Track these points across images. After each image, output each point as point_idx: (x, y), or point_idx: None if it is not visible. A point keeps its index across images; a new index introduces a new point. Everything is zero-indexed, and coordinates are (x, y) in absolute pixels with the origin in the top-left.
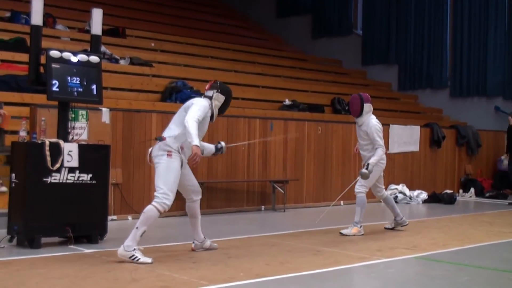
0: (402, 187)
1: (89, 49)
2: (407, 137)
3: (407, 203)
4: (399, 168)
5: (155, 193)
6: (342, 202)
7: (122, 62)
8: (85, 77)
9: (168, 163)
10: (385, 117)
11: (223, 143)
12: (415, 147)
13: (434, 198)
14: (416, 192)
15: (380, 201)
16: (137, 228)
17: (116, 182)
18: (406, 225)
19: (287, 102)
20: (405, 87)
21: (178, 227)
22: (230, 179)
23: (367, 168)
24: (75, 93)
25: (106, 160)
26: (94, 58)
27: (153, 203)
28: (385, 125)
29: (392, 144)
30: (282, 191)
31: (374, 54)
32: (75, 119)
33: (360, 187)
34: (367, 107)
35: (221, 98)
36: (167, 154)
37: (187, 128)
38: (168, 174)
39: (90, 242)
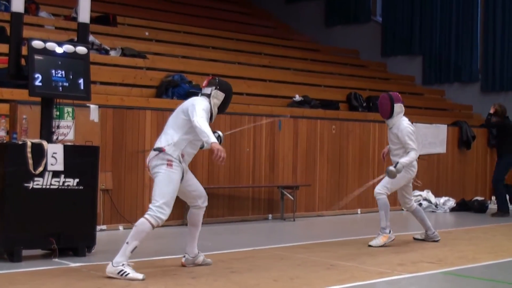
0: (427, 194)
1: (75, 39)
2: (433, 137)
3: (432, 211)
4: (423, 172)
5: (150, 205)
6: (359, 210)
7: (112, 53)
8: (71, 70)
9: (168, 174)
10: (408, 114)
11: (219, 132)
12: (441, 149)
13: (463, 206)
14: (442, 199)
15: (403, 209)
16: (127, 243)
17: (105, 188)
18: (438, 240)
19: (297, 98)
20: (430, 81)
21: (174, 239)
22: (233, 185)
23: (395, 167)
24: (60, 88)
25: (94, 163)
26: (81, 49)
27: (146, 215)
28: None
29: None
30: (292, 198)
31: (396, 43)
32: (60, 117)
33: (381, 189)
34: (398, 107)
35: (221, 95)
36: (167, 164)
37: (198, 128)
38: (166, 186)
39: (77, 255)
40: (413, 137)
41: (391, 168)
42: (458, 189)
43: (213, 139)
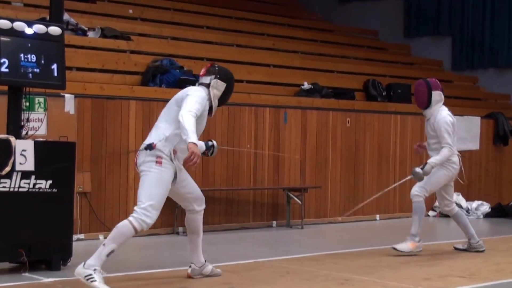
0: (457, 197)
1: (48, 18)
2: (464, 132)
3: None
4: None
5: (135, 207)
6: (378, 217)
7: (91, 34)
8: (43, 54)
9: (157, 173)
10: None
11: (214, 142)
12: (474, 145)
13: (499, 211)
14: (475, 204)
15: (429, 214)
16: (104, 245)
17: (83, 191)
18: (482, 251)
19: (306, 85)
20: (461, 66)
21: (163, 250)
22: (232, 187)
23: (423, 168)
24: (30, 74)
25: (70, 162)
26: (54, 30)
27: (130, 218)
28: None
29: None
30: (300, 202)
31: (421, 22)
32: (30, 108)
33: (419, 190)
34: (437, 95)
35: (221, 85)
36: (157, 162)
37: (181, 123)
38: (154, 186)
39: (50, 269)
40: (451, 129)
41: (418, 169)
42: (493, 192)
43: (192, 138)
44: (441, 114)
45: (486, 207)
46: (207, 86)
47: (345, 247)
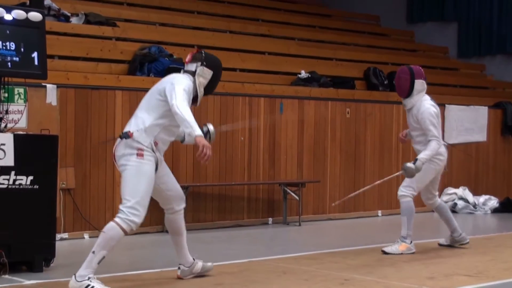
0: (463, 191)
1: (28, 3)
2: (470, 122)
3: (470, 212)
4: (458, 165)
5: (120, 207)
6: (379, 212)
7: (74, 20)
8: (22, 42)
9: (139, 166)
10: (440, 94)
11: (210, 126)
12: (481, 136)
13: (507, 206)
14: (482, 198)
15: (433, 210)
16: (93, 252)
17: (66, 187)
18: (466, 243)
19: (303, 74)
20: (467, 53)
21: (152, 248)
22: (225, 182)
23: (414, 163)
24: (9, 63)
25: (52, 156)
26: (35, 15)
27: (117, 219)
28: (440, 105)
29: (449, 131)
30: (297, 198)
31: (425, 7)
32: (10, 99)
33: (406, 189)
34: (419, 84)
35: (208, 73)
36: (137, 154)
37: (179, 116)
38: (138, 181)
39: (32, 270)
40: (436, 121)
41: (410, 165)
42: (502, 185)
43: (198, 131)
44: (424, 105)
45: (494, 202)
46: (193, 73)
47: (345, 245)
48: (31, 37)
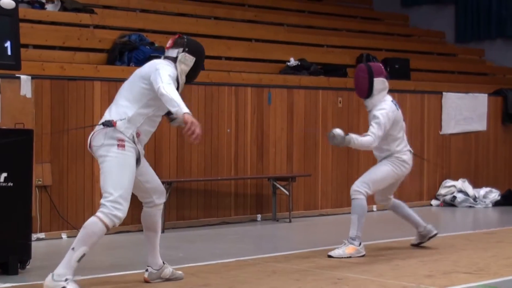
0: (462, 184)
1: None
2: (469, 111)
3: (470, 206)
4: (457, 156)
5: (102, 201)
6: (374, 207)
7: (49, 7)
8: None
9: (121, 157)
10: (437, 81)
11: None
12: (480, 125)
13: (509, 199)
14: (483, 191)
15: (431, 204)
16: (73, 249)
17: (43, 184)
18: (435, 235)
19: (293, 62)
20: (465, 37)
21: (135, 248)
22: (210, 177)
23: (346, 135)
24: None
25: (27, 152)
26: (7, 2)
27: (99, 214)
28: (437, 93)
29: (447, 120)
30: (287, 193)
31: None
32: None
33: (361, 186)
34: (379, 83)
35: (190, 60)
36: (118, 145)
37: (166, 96)
38: (120, 173)
39: (7, 273)
40: (385, 121)
41: (339, 132)
42: (503, 177)
43: (185, 109)
44: (382, 105)
45: (495, 195)
46: (174, 60)
47: (338, 242)
48: (4, 26)
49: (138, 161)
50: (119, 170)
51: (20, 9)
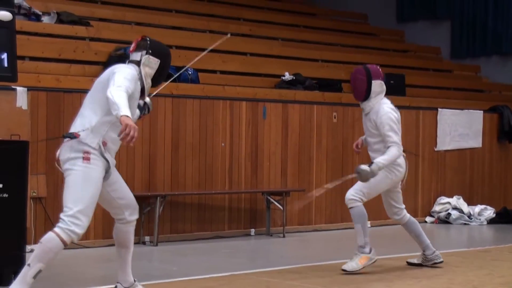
0: (457, 201)
1: None
2: (465, 127)
3: (465, 223)
4: (452, 172)
5: (61, 215)
6: (369, 224)
7: (45, 19)
8: None
9: (84, 171)
10: (432, 97)
11: (147, 99)
12: (476, 142)
13: (504, 217)
14: (478, 208)
15: (426, 221)
16: (29, 265)
17: (38, 196)
18: (440, 262)
19: (288, 76)
20: (461, 53)
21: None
22: (204, 190)
23: (370, 166)
24: None
25: (23, 163)
26: (4, 14)
27: (56, 229)
28: (432, 109)
29: (442, 137)
30: (281, 208)
31: (416, 5)
32: None
33: (355, 194)
34: (377, 85)
35: (154, 62)
36: (83, 158)
37: (110, 99)
38: (82, 188)
39: (0, 284)
40: (396, 126)
41: (365, 167)
42: (498, 195)
43: (124, 111)
44: (383, 108)
45: (490, 212)
46: (137, 63)
47: (332, 257)
48: (0, 37)
49: (108, 172)
50: (81, 185)
51: (16, 21)
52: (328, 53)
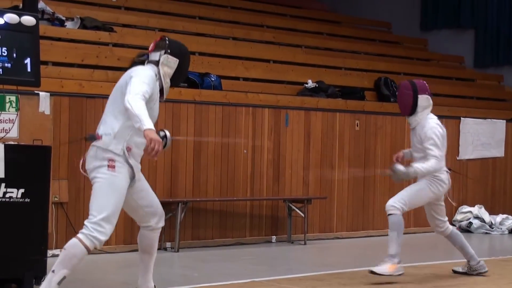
0: (478, 210)
1: (21, 6)
2: (487, 136)
3: (486, 232)
4: (474, 182)
5: (85, 222)
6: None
7: (69, 24)
8: (15, 47)
9: (109, 179)
10: (455, 106)
11: (167, 132)
12: (498, 151)
13: None
14: (499, 218)
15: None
16: (53, 271)
17: (59, 201)
18: (485, 272)
19: (310, 84)
20: (484, 62)
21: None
22: (226, 197)
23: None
24: (0, 70)
25: (45, 168)
26: (28, 19)
27: (80, 235)
28: (455, 118)
29: (465, 146)
30: (303, 215)
31: (439, 14)
32: (1, 108)
33: (397, 202)
34: (424, 100)
35: (173, 62)
36: (108, 166)
37: (130, 111)
38: (106, 195)
39: None
40: (440, 142)
41: (400, 167)
42: None
43: (147, 125)
44: (429, 123)
45: (511, 222)
46: (156, 63)
47: (353, 265)
48: (24, 42)
49: (133, 178)
50: (106, 193)
51: (40, 26)
52: (351, 61)
